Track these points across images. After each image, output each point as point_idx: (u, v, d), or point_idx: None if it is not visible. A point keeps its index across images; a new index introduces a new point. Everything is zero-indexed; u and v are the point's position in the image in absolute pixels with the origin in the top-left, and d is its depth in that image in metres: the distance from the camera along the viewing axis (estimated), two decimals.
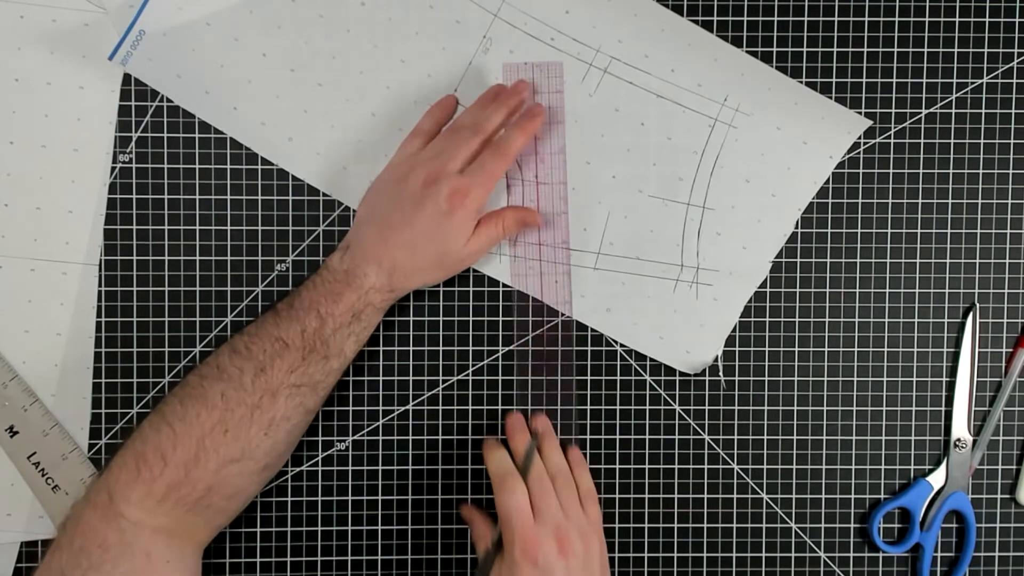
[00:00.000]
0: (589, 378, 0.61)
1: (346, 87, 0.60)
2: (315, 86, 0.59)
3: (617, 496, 0.62)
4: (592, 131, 0.60)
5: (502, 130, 0.57)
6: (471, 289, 0.61)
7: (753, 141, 0.60)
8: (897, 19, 0.61)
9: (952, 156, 0.61)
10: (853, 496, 0.62)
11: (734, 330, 0.61)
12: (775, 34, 0.61)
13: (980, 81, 0.61)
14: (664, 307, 0.60)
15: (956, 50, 0.61)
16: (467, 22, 0.59)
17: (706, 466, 0.62)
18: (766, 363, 0.61)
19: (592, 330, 0.61)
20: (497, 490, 0.52)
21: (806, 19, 0.61)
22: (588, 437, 0.62)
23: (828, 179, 0.61)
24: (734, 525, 0.62)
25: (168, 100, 0.60)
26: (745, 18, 0.61)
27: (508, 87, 0.58)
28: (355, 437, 0.61)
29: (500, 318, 0.61)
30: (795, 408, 0.62)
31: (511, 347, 0.61)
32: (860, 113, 0.61)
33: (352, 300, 0.53)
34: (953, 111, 0.61)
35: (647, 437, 0.62)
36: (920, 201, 0.61)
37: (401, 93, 0.60)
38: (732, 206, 0.60)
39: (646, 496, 0.62)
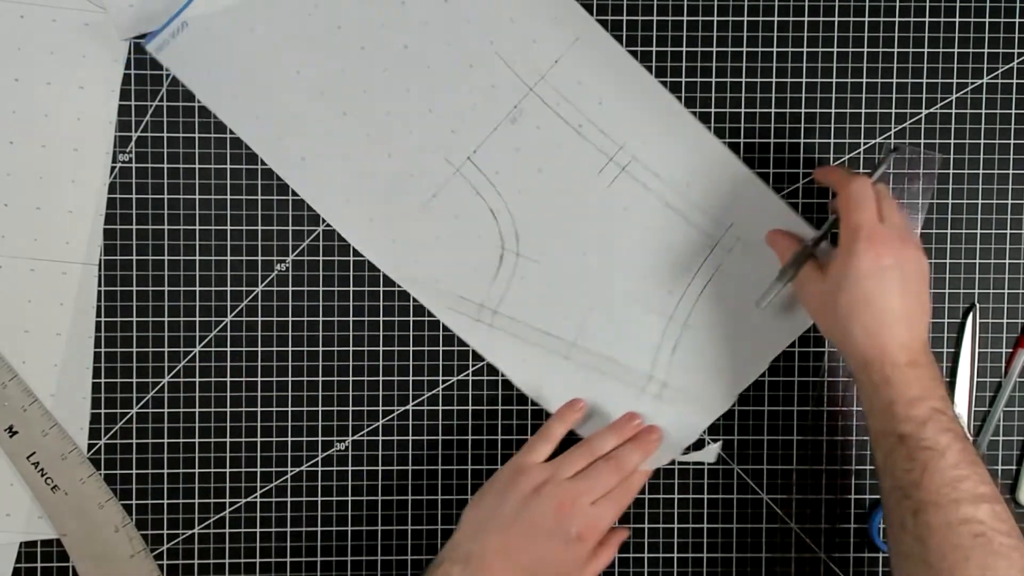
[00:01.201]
0: None
1: (370, 123, 0.59)
2: (340, 114, 0.59)
3: None
4: (597, 223, 0.60)
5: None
6: None
7: (746, 273, 0.60)
8: (897, 19, 0.61)
9: (952, 156, 0.61)
10: (853, 496, 0.62)
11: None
12: (775, 34, 0.61)
13: (980, 81, 0.61)
14: (626, 407, 0.60)
15: (956, 50, 0.61)
16: (502, 88, 0.59)
17: (706, 466, 0.62)
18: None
19: None
20: (847, 199, 0.51)
21: (806, 19, 0.61)
22: None
23: None
24: (734, 525, 0.62)
25: (168, 100, 0.60)
26: (745, 18, 0.61)
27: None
28: (355, 437, 0.61)
29: None
30: (795, 408, 0.62)
31: None
32: (860, 113, 0.61)
33: None
34: (953, 111, 0.61)
35: None
36: (920, 201, 0.61)
37: (421, 142, 0.59)
38: (712, 330, 0.60)
39: (646, 496, 0.62)
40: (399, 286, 0.60)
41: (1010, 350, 0.62)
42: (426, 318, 0.61)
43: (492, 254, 0.60)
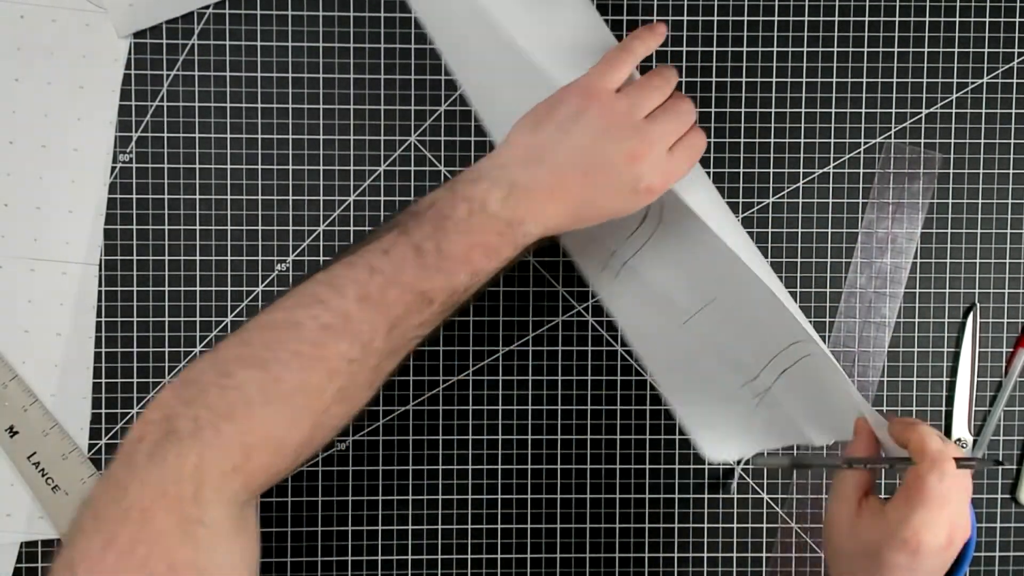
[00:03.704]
0: (590, 378, 0.61)
1: None
2: None
3: (617, 496, 0.62)
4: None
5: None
6: None
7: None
8: (897, 19, 0.61)
9: (952, 156, 0.61)
10: None
11: None
12: (775, 34, 0.61)
13: (980, 81, 0.61)
14: (726, 393, 0.57)
15: (956, 50, 0.61)
16: None
17: (707, 466, 0.62)
18: None
19: (592, 330, 0.61)
20: (929, 467, 0.42)
21: (806, 19, 0.61)
22: (588, 437, 0.62)
23: (829, 178, 0.61)
24: (734, 525, 0.62)
25: (168, 100, 0.60)
26: (745, 18, 0.61)
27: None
28: (355, 437, 0.61)
29: (500, 318, 0.61)
30: None
31: (511, 347, 0.61)
32: (860, 113, 0.61)
33: (509, 255, 0.44)
34: (953, 111, 0.61)
35: (647, 437, 0.62)
36: (920, 201, 0.61)
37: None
38: (821, 379, 0.53)
39: (646, 496, 0.62)
40: None
41: (1010, 350, 0.62)
42: None
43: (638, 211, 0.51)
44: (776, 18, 0.61)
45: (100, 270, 0.60)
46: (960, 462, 0.42)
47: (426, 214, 0.43)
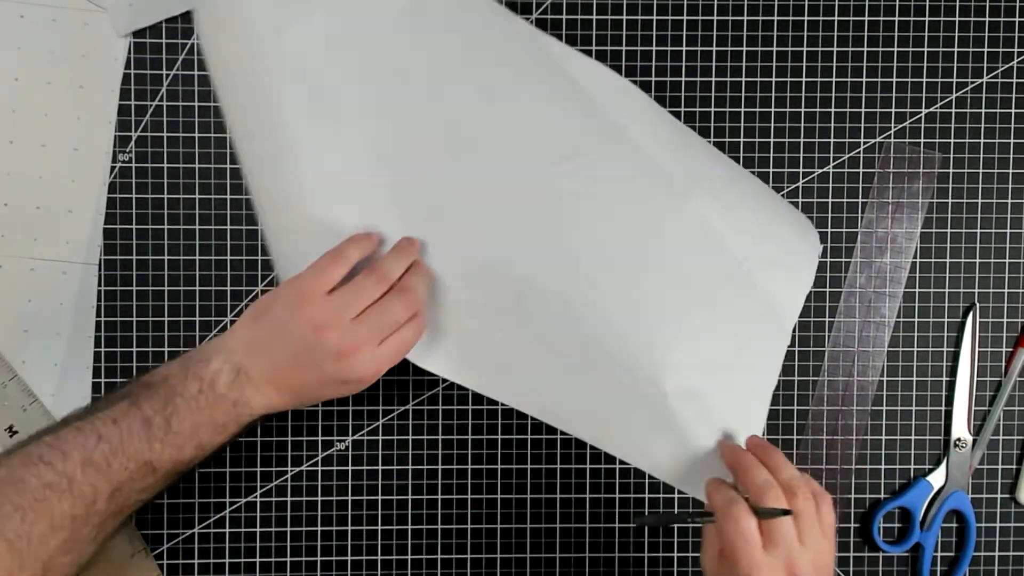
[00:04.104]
0: None
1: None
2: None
3: (617, 496, 0.62)
4: None
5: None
6: None
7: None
8: (897, 19, 0.61)
9: (952, 156, 0.61)
10: (853, 496, 0.62)
11: None
12: (775, 34, 0.61)
13: (980, 81, 0.61)
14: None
15: (956, 50, 0.61)
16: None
17: None
18: None
19: None
20: (724, 521, 0.45)
21: (806, 19, 0.61)
22: None
23: (829, 178, 0.61)
24: None
25: (168, 100, 0.60)
26: (745, 18, 0.61)
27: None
28: (355, 437, 0.61)
29: None
30: (795, 408, 0.62)
31: None
32: (860, 113, 0.61)
33: (233, 431, 0.48)
34: (953, 111, 0.61)
35: None
36: (920, 201, 0.61)
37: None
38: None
39: (646, 496, 0.62)
40: None
41: (1010, 350, 0.62)
42: None
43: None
44: (776, 18, 0.61)
45: (100, 270, 0.60)
46: (760, 511, 0.45)
47: (159, 388, 0.47)
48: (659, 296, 0.52)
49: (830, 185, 0.61)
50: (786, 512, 0.45)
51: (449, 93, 0.52)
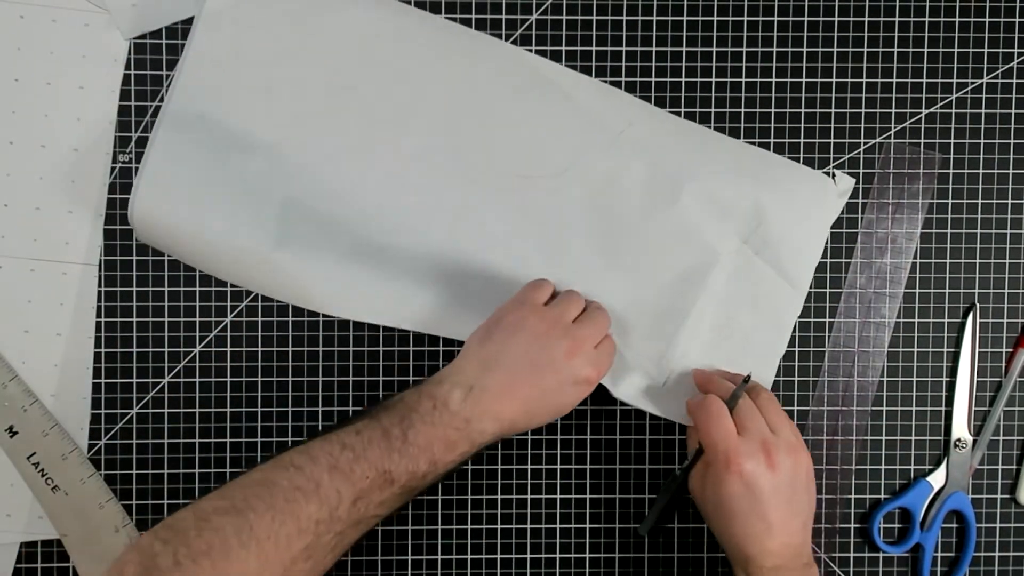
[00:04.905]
0: None
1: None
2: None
3: (617, 496, 0.62)
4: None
5: None
6: None
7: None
8: (897, 19, 0.61)
9: (952, 156, 0.61)
10: (853, 496, 0.62)
11: None
12: (775, 34, 0.61)
13: (980, 81, 0.61)
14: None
15: (956, 50, 0.61)
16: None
17: None
18: None
19: None
20: (701, 417, 0.53)
21: (806, 19, 0.61)
22: (588, 437, 0.62)
23: (829, 177, 0.61)
24: None
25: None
26: (745, 18, 0.61)
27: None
28: None
29: None
30: (795, 408, 0.62)
31: None
32: (860, 113, 0.61)
33: (464, 451, 0.50)
34: (953, 111, 0.61)
35: (647, 437, 0.62)
36: (920, 201, 0.61)
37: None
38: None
39: (646, 496, 0.62)
40: None
41: (1010, 350, 0.62)
42: None
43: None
44: (776, 18, 0.61)
45: (100, 270, 0.60)
46: (728, 400, 0.53)
47: (396, 406, 0.50)
48: (658, 292, 0.59)
49: None
50: (746, 379, 0.55)
51: (447, 119, 0.59)
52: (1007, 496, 0.62)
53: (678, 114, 0.61)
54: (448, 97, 0.58)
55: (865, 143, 0.61)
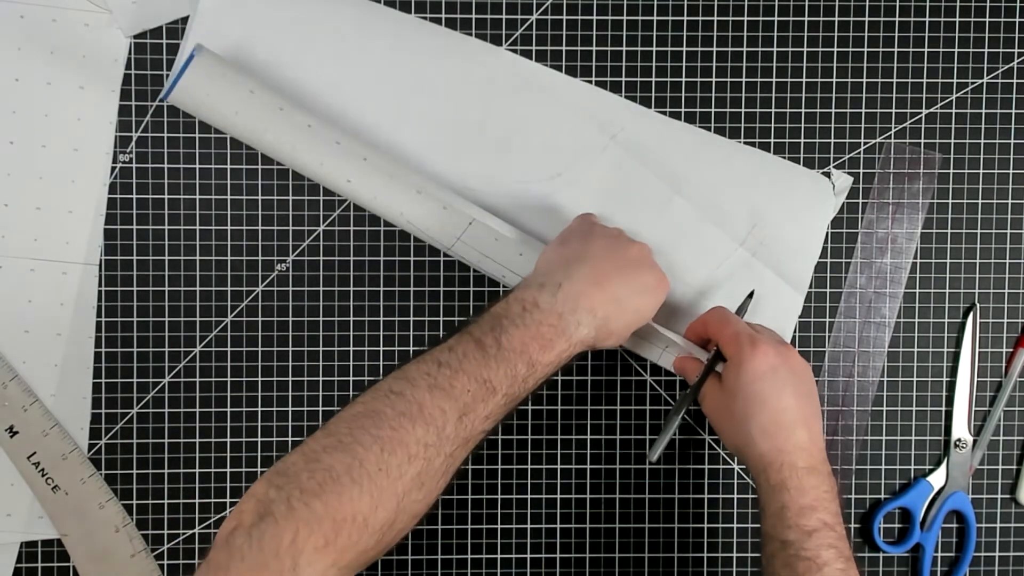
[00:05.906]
0: (589, 378, 0.61)
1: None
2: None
3: (617, 496, 0.62)
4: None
5: None
6: (471, 289, 0.61)
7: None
8: (897, 19, 0.61)
9: (952, 156, 0.61)
10: (853, 496, 0.62)
11: None
12: (775, 34, 0.61)
13: (980, 81, 0.61)
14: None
15: (956, 50, 0.61)
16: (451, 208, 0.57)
17: (706, 466, 0.62)
18: None
19: None
20: (715, 320, 0.54)
21: (806, 19, 0.61)
22: (588, 437, 0.62)
23: (826, 176, 0.61)
24: (734, 525, 0.62)
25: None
26: (745, 18, 0.61)
27: None
28: None
29: None
30: None
31: None
32: (860, 113, 0.61)
33: (561, 349, 0.48)
34: (953, 111, 0.61)
35: (647, 437, 0.62)
36: (920, 201, 0.61)
37: None
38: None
39: (646, 496, 0.62)
40: (399, 286, 0.60)
41: (1010, 350, 0.62)
42: (426, 318, 0.61)
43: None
44: (776, 18, 0.61)
45: (100, 270, 0.60)
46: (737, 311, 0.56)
47: (484, 318, 0.49)
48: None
49: None
50: (750, 294, 0.58)
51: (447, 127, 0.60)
52: (1007, 496, 0.62)
53: (678, 114, 0.61)
54: (442, 105, 0.59)
55: (865, 143, 0.61)
